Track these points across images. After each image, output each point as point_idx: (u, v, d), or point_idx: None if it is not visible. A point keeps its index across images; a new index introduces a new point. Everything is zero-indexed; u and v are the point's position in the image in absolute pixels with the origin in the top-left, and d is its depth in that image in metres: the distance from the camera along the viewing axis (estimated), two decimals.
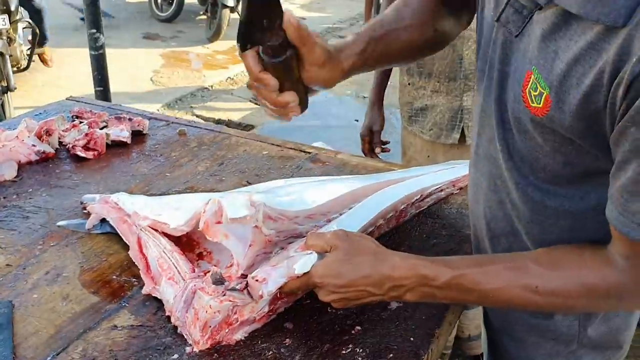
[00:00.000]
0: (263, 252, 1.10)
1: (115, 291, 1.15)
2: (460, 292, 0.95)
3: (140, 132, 1.75)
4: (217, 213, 1.08)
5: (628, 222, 0.81)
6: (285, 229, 1.12)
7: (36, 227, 1.33)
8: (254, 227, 1.07)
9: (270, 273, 1.00)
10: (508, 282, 0.93)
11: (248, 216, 1.06)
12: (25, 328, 1.05)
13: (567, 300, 0.92)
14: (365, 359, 1.01)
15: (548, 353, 1.11)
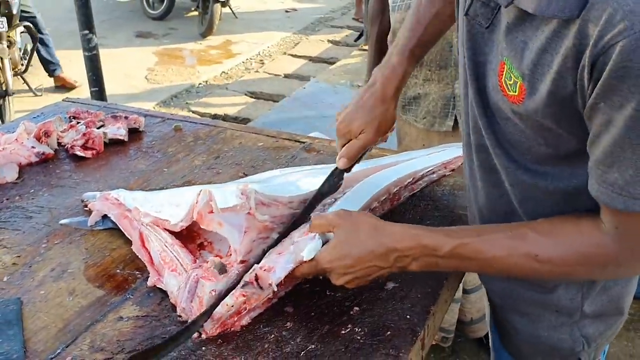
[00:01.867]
0: (260, 238, 1.14)
1: (119, 284, 1.18)
2: (462, 261, 0.99)
3: (136, 130, 1.78)
4: (209, 203, 1.11)
5: (608, 192, 0.84)
6: (280, 214, 1.15)
7: (40, 227, 1.36)
8: (247, 213, 1.10)
9: (277, 261, 1.04)
10: (508, 251, 0.95)
11: (238, 205, 1.09)
12: (34, 323, 1.09)
13: (565, 268, 0.95)
14: (364, 337, 1.04)
15: (552, 325, 1.13)
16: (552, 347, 1.15)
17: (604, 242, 0.91)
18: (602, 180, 0.84)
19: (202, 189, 1.14)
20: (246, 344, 1.03)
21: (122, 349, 1.02)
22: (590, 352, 1.15)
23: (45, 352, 1.02)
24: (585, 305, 1.11)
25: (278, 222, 1.16)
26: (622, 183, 0.82)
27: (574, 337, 1.13)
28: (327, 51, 7.10)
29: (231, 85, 6.05)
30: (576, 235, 0.93)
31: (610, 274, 1.02)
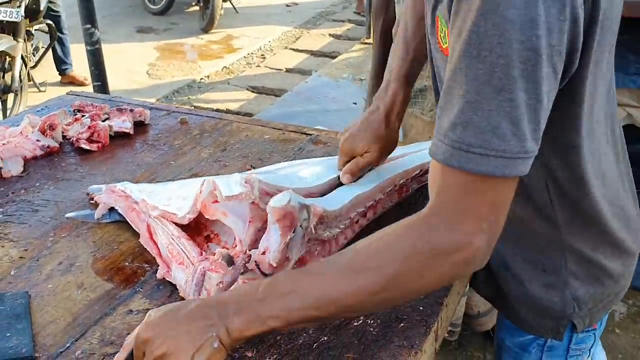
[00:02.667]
0: (264, 228, 1.12)
1: (128, 277, 1.17)
2: (282, 299, 0.86)
3: (142, 123, 1.77)
4: (213, 193, 1.10)
5: (434, 141, 0.80)
6: None
7: (46, 220, 1.35)
8: (251, 203, 1.09)
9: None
10: (325, 271, 0.88)
11: (242, 194, 1.08)
12: (42, 317, 1.07)
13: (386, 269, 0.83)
14: (377, 329, 1.03)
15: (543, 285, 1.12)
16: (544, 309, 1.13)
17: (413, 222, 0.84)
18: (437, 130, 0.80)
19: (206, 179, 1.12)
20: (258, 336, 1.02)
21: None
22: (583, 316, 1.13)
23: (55, 346, 1.01)
24: (569, 264, 1.09)
25: None
26: (445, 127, 0.78)
27: (564, 300, 1.11)
28: (328, 45, 7.08)
29: (233, 80, 6.03)
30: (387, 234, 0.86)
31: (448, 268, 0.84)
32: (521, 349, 1.22)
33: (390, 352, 0.98)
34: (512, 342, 1.23)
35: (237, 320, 0.86)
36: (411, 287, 0.86)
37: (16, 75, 4.57)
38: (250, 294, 0.88)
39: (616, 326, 2.70)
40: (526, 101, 0.76)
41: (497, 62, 0.74)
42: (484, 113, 0.76)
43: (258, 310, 0.86)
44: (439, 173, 0.81)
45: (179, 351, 0.84)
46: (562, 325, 1.14)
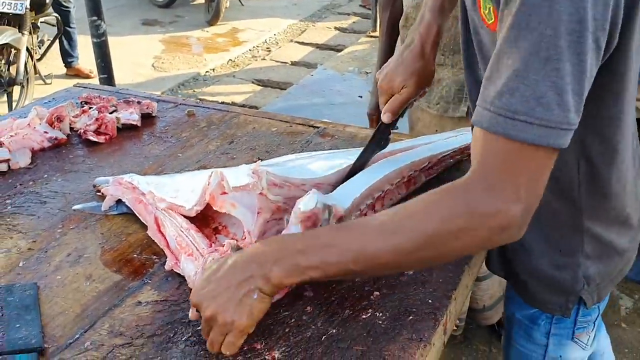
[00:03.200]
0: (273, 219, 1.12)
1: (137, 269, 1.17)
2: (321, 251, 0.90)
3: (149, 115, 1.77)
4: (221, 184, 1.10)
5: (479, 109, 0.83)
6: (292, 196, 1.14)
7: (54, 212, 1.35)
8: (260, 194, 1.09)
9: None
10: (364, 228, 0.92)
11: (250, 184, 1.07)
12: (51, 308, 1.08)
13: (423, 229, 0.87)
14: (386, 322, 1.03)
15: (556, 264, 1.14)
16: (554, 287, 1.17)
17: (453, 188, 0.86)
18: (482, 99, 0.83)
19: (214, 171, 1.12)
20: (266, 328, 1.02)
21: (141, 334, 1.01)
22: (592, 292, 1.16)
23: (64, 337, 1.01)
24: (585, 246, 1.12)
25: (290, 204, 1.15)
26: (492, 95, 0.81)
27: (575, 278, 1.14)
28: (334, 38, 7.06)
29: (238, 73, 6.02)
30: (425, 199, 0.90)
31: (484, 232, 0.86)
32: (531, 321, 1.25)
33: (399, 344, 0.98)
34: (522, 315, 1.26)
35: (276, 269, 0.90)
36: (446, 249, 0.88)
37: (21, 67, 4.57)
38: (290, 244, 0.92)
39: (622, 320, 2.70)
40: (571, 72, 0.78)
41: (545, 33, 0.76)
42: (530, 82, 0.78)
43: (298, 261, 0.90)
44: (482, 140, 0.84)
45: (224, 310, 0.90)
46: (571, 301, 1.17)
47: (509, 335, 1.33)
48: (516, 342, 1.31)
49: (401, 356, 0.96)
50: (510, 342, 1.33)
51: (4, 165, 1.50)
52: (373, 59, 6.01)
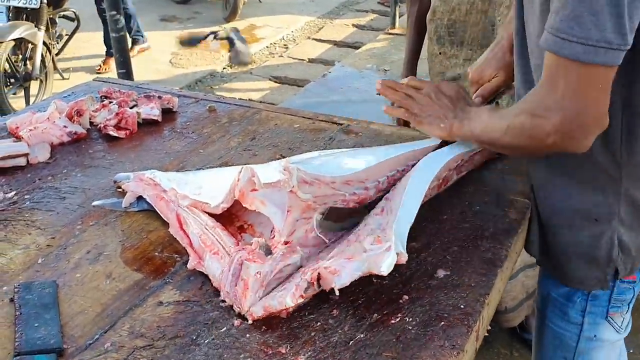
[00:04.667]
0: (303, 218, 1.09)
1: (158, 268, 1.14)
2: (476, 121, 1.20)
3: (170, 110, 1.73)
4: (251, 180, 1.06)
5: (546, 34, 0.98)
6: (322, 194, 1.11)
7: (74, 207, 1.32)
8: (290, 192, 1.05)
9: (344, 265, 0.99)
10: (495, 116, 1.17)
11: (281, 181, 1.04)
12: (70, 307, 1.05)
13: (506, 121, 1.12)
14: (416, 328, 0.99)
15: (593, 235, 1.23)
16: (591, 258, 1.24)
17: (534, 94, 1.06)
18: (547, 25, 0.97)
19: (244, 167, 1.09)
20: (292, 332, 0.98)
21: (163, 335, 0.98)
22: (626, 261, 1.24)
23: (83, 338, 0.98)
24: (621, 211, 1.20)
25: (320, 202, 1.11)
26: (558, 23, 0.95)
27: (611, 245, 1.22)
28: (351, 35, 7.01)
29: (255, 70, 6.00)
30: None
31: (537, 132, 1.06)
32: (566, 299, 1.30)
33: (430, 351, 0.94)
34: (558, 294, 1.32)
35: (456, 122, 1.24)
36: (518, 140, 1.11)
37: (37, 62, 4.57)
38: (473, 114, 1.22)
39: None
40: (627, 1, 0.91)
41: None
42: (590, 9, 0.91)
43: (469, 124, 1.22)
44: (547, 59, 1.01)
45: (422, 114, 1.29)
46: (608, 273, 1.24)
47: (543, 316, 1.36)
48: (551, 322, 1.35)
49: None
50: (545, 323, 1.36)
51: (23, 160, 1.47)
52: (392, 56, 5.96)
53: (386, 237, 1.02)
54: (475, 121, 1.20)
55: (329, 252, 1.10)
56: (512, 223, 1.23)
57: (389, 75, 5.50)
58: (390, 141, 1.57)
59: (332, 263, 1.00)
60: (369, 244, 1.01)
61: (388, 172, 1.26)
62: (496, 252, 1.16)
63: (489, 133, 1.16)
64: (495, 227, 1.22)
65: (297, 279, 1.00)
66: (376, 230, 1.05)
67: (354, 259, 0.99)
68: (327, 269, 0.99)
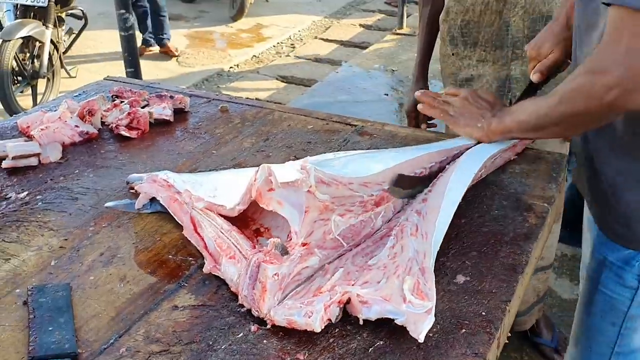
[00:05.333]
0: (320, 219, 1.07)
1: (172, 271, 1.12)
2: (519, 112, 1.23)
3: (182, 110, 1.72)
4: (268, 180, 1.05)
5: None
6: (340, 195, 1.09)
7: (86, 209, 1.31)
8: (307, 192, 1.03)
9: (377, 302, 0.97)
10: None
11: (299, 180, 1.02)
12: (84, 310, 1.03)
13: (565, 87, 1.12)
14: (436, 335, 0.97)
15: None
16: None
17: (594, 53, 1.05)
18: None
19: (261, 166, 1.07)
20: (310, 338, 0.97)
21: (178, 340, 0.96)
22: None
23: (98, 342, 0.96)
24: None
25: (338, 203, 1.09)
26: None
27: None
28: (358, 35, 6.99)
29: (262, 70, 5.98)
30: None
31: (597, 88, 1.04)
32: (624, 262, 1.29)
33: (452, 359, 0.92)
34: (615, 257, 1.30)
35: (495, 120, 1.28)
36: (574, 105, 1.09)
37: (45, 61, 4.56)
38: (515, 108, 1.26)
39: None
40: None
41: None
42: None
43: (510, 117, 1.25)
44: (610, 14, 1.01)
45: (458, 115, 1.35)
46: None
47: (596, 282, 1.36)
48: (604, 287, 1.34)
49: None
50: (597, 288, 1.35)
51: (34, 160, 1.46)
52: (399, 56, 5.94)
53: (428, 293, 0.99)
54: (518, 112, 1.24)
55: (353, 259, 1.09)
56: (532, 228, 1.21)
57: (397, 75, 5.48)
58: (405, 143, 1.55)
59: (366, 294, 0.98)
60: (408, 291, 0.98)
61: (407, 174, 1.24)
62: (516, 257, 1.14)
63: (537, 112, 1.17)
64: (515, 232, 1.20)
65: (326, 297, 0.98)
66: (415, 265, 1.02)
67: (391, 302, 0.97)
68: (359, 297, 0.97)
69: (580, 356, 1.44)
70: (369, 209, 1.16)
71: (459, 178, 1.22)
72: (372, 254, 1.10)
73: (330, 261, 1.10)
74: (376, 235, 1.17)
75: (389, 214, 1.21)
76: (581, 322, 1.44)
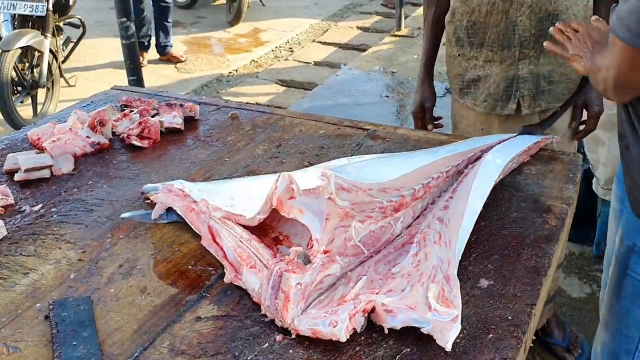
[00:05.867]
0: (341, 226, 1.06)
1: (193, 281, 1.11)
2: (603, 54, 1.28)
3: (192, 118, 1.71)
4: (289, 188, 1.04)
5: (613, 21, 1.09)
6: (360, 201, 1.08)
7: (102, 220, 1.30)
8: (328, 199, 1.03)
9: (402, 310, 0.97)
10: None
11: (320, 187, 1.01)
12: (107, 324, 1.02)
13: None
14: (464, 340, 0.96)
15: None
16: None
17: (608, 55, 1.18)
18: (615, 10, 1.09)
19: (281, 174, 1.06)
20: (335, 347, 0.96)
21: (204, 352, 0.95)
22: None
23: (123, 356, 0.95)
24: None
25: (358, 210, 1.08)
26: (623, 14, 1.06)
27: None
28: (356, 38, 6.98)
29: (261, 74, 5.96)
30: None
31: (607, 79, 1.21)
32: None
33: None
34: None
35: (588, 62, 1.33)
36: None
37: (44, 70, 4.55)
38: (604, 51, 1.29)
39: None
40: None
41: None
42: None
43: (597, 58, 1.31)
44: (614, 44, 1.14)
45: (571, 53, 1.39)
46: None
47: (625, 267, 1.36)
48: (634, 272, 1.34)
49: None
50: (627, 273, 1.36)
51: (47, 172, 1.45)
52: (398, 58, 5.94)
53: (453, 301, 0.98)
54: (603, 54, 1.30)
55: (375, 267, 1.08)
56: (553, 229, 1.21)
57: (397, 77, 5.47)
58: (418, 146, 1.54)
59: (391, 302, 0.97)
60: (434, 299, 0.97)
61: (423, 180, 1.23)
62: (539, 260, 1.13)
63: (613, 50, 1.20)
64: (536, 234, 1.20)
65: (350, 306, 0.97)
66: (439, 273, 1.02)
67: (417, 311, 0.96)
68: (384, 306, 0.97)
69: (611, 339, 1.46)
70: (388, 215, 1.16)
71: (479, 185, 1.21)
72: (394, 261, 1.09)
73: (352, 269, 1.09)
74: (397, 241, 1.16)
75: (408, 219, 1.21)
76: (611, 306, 1.45)
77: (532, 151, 1.44)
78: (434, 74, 2.21)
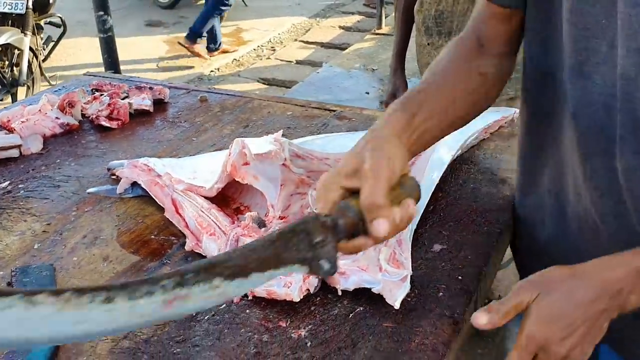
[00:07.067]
0: (297, 193, 1.09)
1: (155, 250, 1.14)
2: None
3: (161, 101, 1.73)
4: (242, 153, 1.06)
5: None
6: (315, 169, 1.11)
7: (68, 195, 1.32)
8: (282, 165, 1.05)
9: (354, 272, 1.00)
10: None
11: (273, 151, 1.04)
12: None
13: None
14: (414, 298, 0.99)
15: None
16: None
17: None
18: None
19: (235, 139, 1.09)
20: (291, 307, 0.99)
21: None
22: None
23: None
24: None
25: (314, 178, 1.11)
26: None
27: None
28: (338, 37, 7.04)
29: (243, 73, 6.00)
30: None
31: None
32: None
33: (430, 321, 0.95)
34: None
35: (633, 298, 0.83)
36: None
37: (24, 68, 4.55)
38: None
39: None
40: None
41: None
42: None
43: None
44: None
45: (578, 345, 0.82)
46: None
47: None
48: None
49: (433, 332, 0.93)
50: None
51: (16, 151, 1.47)
52: (379, 56, 5.99)
53: (404, 262, 1.01)
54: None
55: None
56: (506, 199, 1.24)
57: (377, 74, 5.52)
58: None
59: (344, 265, 1.00)
60: (384, 261, 1.00)
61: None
62: (491, 227, 1.17)
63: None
64: (490, 204, 1.23)
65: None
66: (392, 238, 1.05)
67: (368, 272, 0.99)
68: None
69: None
70: None
71: (437, 158, 1.25)
72: None
73: None
74: None
75: None
76: None
77: (491, 129, 1.47)
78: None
